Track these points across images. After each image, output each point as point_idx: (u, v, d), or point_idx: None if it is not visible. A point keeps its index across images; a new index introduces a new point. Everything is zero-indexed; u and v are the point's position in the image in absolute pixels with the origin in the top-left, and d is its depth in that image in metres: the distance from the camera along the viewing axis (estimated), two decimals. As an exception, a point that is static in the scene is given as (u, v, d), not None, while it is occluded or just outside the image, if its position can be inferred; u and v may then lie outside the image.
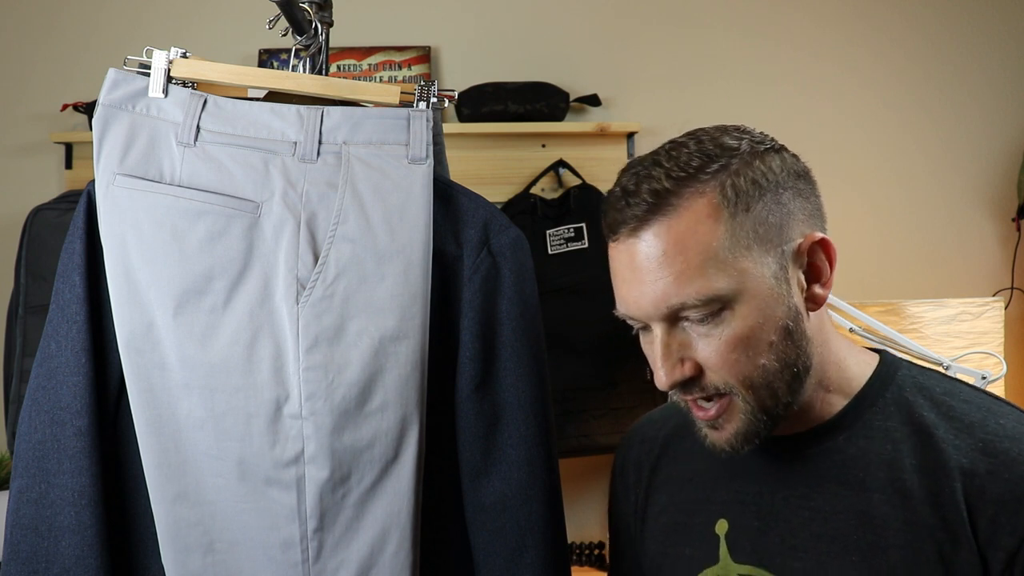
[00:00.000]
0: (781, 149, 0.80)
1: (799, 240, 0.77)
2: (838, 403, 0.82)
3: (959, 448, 0.76)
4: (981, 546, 0.72)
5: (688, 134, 0.80)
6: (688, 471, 0.92)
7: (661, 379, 0.77)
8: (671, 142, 0.80)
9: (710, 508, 0.87)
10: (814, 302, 0.79)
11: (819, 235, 0.78)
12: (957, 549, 0.73)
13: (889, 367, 0.84)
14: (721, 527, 0.85)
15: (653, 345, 0.78)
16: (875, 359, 0.85)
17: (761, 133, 0.81)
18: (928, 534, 0.74)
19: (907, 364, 0.85)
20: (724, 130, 0.79)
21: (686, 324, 0.77)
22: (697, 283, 0.74)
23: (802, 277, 0.78)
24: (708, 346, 0.76)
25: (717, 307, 0.75)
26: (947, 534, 0.73)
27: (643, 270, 0.76)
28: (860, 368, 0.83)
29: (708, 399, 0.78)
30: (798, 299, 0.78)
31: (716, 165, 0.75)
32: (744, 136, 0.78)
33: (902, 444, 0.78)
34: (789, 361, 0.77)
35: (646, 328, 0.80)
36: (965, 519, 0.73)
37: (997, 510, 0.72)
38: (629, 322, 0.82)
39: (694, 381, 0.77)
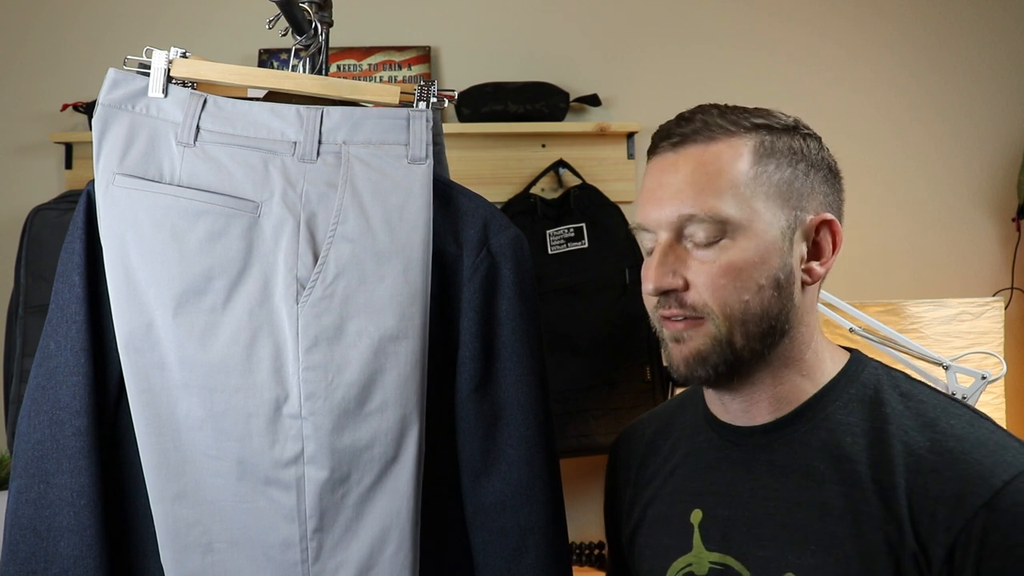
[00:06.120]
0: (822, 143, 0.88)
1: (811, 215, 0.84)
2: (807, 391, 0.86)
3: (908, 445, 0.79)
4: (922, 540, 0.75)
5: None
6: (670, 465, 0.95)
7: (650, 280, 0.82)
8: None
9: (687, 499, 0.91)
10: (810, 275, 0.85)
11: (830, 216, 0.85)
12: (903, 542, 0.75)
13: (857, 365, 0.87)
14: (696, 516, 0.89)
15: (652, 253, 0.84)
16: (846, 356, 0.89)
17: (808, 126, 0.89)
18: (877, 526, 0.77)
19: (874, 364, 0.88)
20: (779, 111, 0.89)
21: (688, 245, 0.83)
22: (712, 201, 0.81)
23: (804, 249, 0.84)
24: (702, 267, 0.82)
25: (720, 232, 0.81)
26: (895, 527, 0.76)
27: (669, 181, 0.83)
28: (832, 363, 0.88)
29: (683, 319, 0.82)
30: (796, 264, 0.84)
31: (761, 121, 0.84)
32: (794, 117, 0.88)
33: (860, 439, 0.81)
34: (770, 312, 0.82)
35: (654, 248, 0.85)
36: (906, 514, 0.76)
37: (936, 507, 0.75)
38: (641, 237, 0.87)
39: (677, 296, 0.82)
